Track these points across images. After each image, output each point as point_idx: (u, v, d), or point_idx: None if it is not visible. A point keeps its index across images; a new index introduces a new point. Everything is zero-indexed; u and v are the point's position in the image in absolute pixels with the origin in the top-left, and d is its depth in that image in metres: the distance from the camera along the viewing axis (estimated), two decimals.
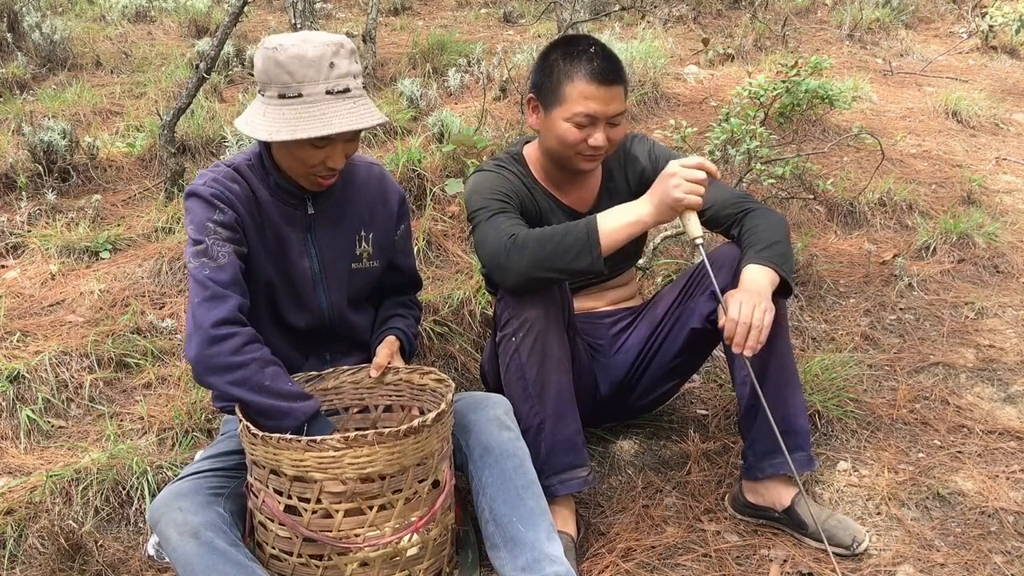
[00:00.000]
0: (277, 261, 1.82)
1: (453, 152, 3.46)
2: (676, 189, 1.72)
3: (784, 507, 1.96)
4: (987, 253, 3.43)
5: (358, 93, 1.69)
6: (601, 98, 1.91)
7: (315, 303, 1.88)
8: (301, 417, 1.63)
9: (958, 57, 6.66)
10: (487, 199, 1.95)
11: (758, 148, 3.21)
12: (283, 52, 1.63)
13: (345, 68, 1.66)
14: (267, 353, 1.66)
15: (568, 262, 1.77)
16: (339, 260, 1.89)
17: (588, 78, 1.90)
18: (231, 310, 1.64)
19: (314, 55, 1.63)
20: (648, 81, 4.68)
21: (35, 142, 3.53)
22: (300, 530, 1.59)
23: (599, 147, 1.95)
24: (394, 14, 7.07)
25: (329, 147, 1.70)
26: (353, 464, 1.56)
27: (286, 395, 1.63)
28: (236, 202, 1.74)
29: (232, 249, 1.70)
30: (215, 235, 1.69)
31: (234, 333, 1.62)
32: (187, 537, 1.54)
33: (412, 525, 1.65)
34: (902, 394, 2.53)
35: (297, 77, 1.63)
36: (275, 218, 1.81)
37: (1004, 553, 1.91)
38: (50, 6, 6.38)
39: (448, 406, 1.68)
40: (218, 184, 1.74)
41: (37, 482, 2.00)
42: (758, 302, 1.75)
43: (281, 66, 1.63)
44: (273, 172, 1.80)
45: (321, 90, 1.64)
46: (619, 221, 1.78)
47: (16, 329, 2.58)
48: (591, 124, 1.93)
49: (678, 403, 2.52)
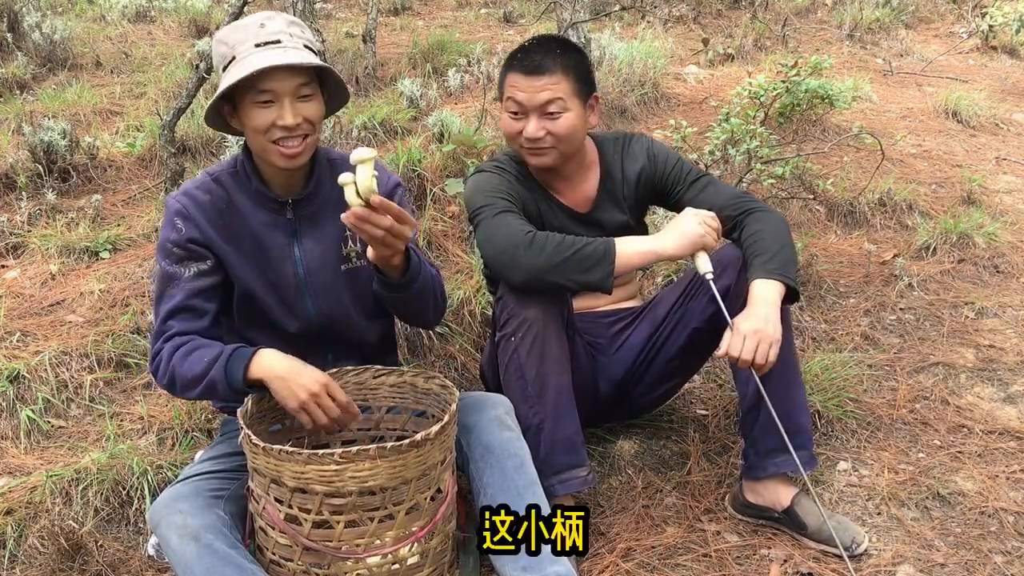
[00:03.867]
0: (258, 268, 1.81)
1: (453, 152, 3.46)
2: (699, 226, 1.86)
3: (784, 507, 1.96)
4: (987, 253, 3.43)
5: (292, 45, 1.69)
6: (527, 87, 1.93)
7: (301, 310, 1.85)
8: (220, 363, 1.66)
9: (958, 57, 6.66)
10: (490, 197, 1.95)
11: (758, 148, 3.21)
12: (220, 32, 1.72)
13: (277, 27, 1.69)
14: (178, 342, 1.71)
15: (580, 273, 1.80)
16: (326, 264, 1.85)
17: (516, 68, 1.96)
18: (158, 342, 1.73)
19: (246, 22, 1.70)
20: (648, 81, 4.68)
21: (35, 142, 3.53)
22: (300, 540, 1.58)
23: (533, 138, 1.95)
24: (394, 14, 7.07)
25: (276, 105, 1.68)
26: (355, 478, 1.54)
27: (204, 369, 1.67)
28: (199, 216, 1.76)
29: (192, 268, 1.76)
30: (171, 256, 1.76)
31: (157, 359, 1.72)
32: (187, 540, 1.54)
33: (413, 535, 1.64)
34: (902, 394, 2.53)
35: (230, 43, 1.69)
36: (255, 225, 1.80)
37: (1004, 553, 1.91)
38: (50, 6, 6.37)
39: (451, 418, 1.66)
40: (186, 197, 1.78)
41: (37, 482, 2.00)
42: (763, 337, 1.77)
43: (220, 42, 1.71)
44: (254, 178, 1.80)
45: (250, 45, 1.67)
46: (637, 248, 1.85)
47: (16, 329, 2.58)
48: (523, 114, 1.96)
49: (678, 403, 2.52)
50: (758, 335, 1.77)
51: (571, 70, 1.95)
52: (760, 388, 1.82)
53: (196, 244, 1.75)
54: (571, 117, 1.96)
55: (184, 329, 1.73)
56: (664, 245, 1.86)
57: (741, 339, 1.77)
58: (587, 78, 2.00)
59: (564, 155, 2.01)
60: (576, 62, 1.97)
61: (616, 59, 4.73)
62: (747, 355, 1.76)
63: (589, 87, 2.01)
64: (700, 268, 1.89)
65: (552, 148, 1.98)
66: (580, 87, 1.97)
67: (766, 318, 1.79)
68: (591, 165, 2.13)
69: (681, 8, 7.04)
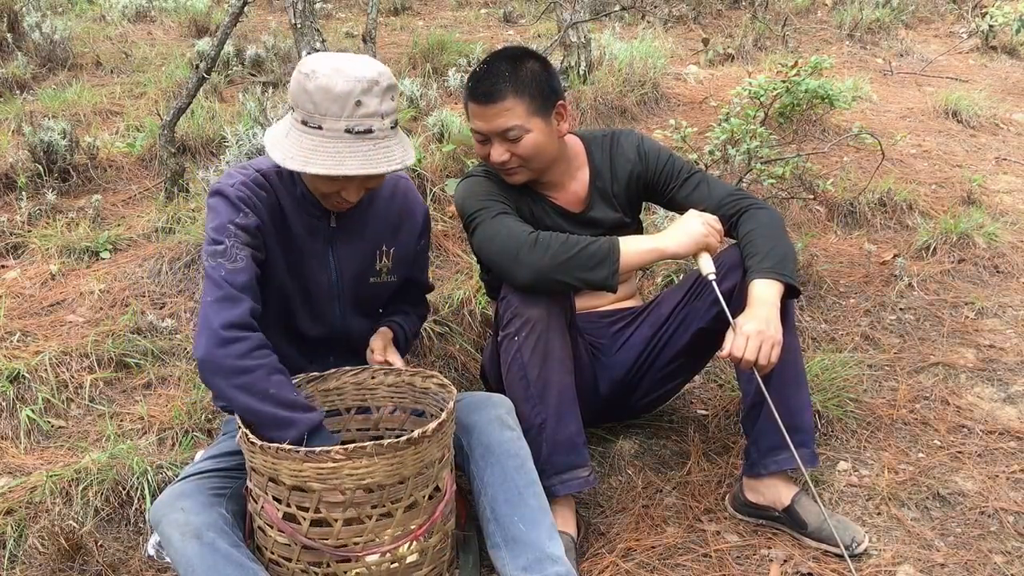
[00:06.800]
0: (295, 271, 1.82)
1: (453, 152, 3.46)
2: (702, 226, 1.88)
3: (784, 507, 1.96)
4: (987, 253, 3.43)
5: (382, 135, 1.63)
6: (483, 115, 1.92)
7: (328, 315, 1.88)
8: (303, 428, 1.60)
9: (958, 57, 6.66)
10: (484, 201, 1.96)
11: (758, 148, 3.21)
12: (312, 80, 1.59)
13: (373, 107, 1.60)
14: (275, 361, 1.64)
15: (586, 271, 1.81)
16: (359, 275, 1.89)
17: (471, 97, 1.94)
18: (243, 314, 1.62)
19: (342, 90, 1.58)
20: (648, 81, 4.68)
21: (35, 142, 3.53)
22: (298, 538, 1.58)
23: (499, 162, 1.96)
24: (394, 14, 7.07)
25: (344, 181, 1.67)
26: (352, 475, 1.54)
27: (290, 404, 1.61)
28: (261, 208, 1.73)
29: (250, 253, 1.68)
30: (235, 237, 1.67)
31: (244, 337, 1.60)
32: (189, 538, 1.54)
33: (412, 533, 1.64)
34: (902, 394, 2.53)
35: (320, 109, 1.59)
36: (298, 228, 1.80)
37: (1004, 553, 1.91)
38: (50, 6, 6.38)
39: (449, 415, 1.66)
40: (246, 188, 1.72)
41: (37, 482, 2.00)
42: (765, 338, 1.77)
43: (308, 94, 1.60)
44: (299, 183, 1.79)
45: (341, 127, 1.59)
46: (641, 246, 1.86)
47: (16, 329, 2.58)
48: (485, 140, 1.96)
49: (678, 403, 2.52)
50: (760, 336, 1.77)
51: (524, 90, 1.90)
52: (762, 387, 1.83)
53: (260, 233, 1.72)
54: (533, 137, 1.93)
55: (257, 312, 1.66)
56: (668, 243, 1.87)
57: (744, 340, 1.77)
58: (546, 91, 1.94)
59: (538, 170, 2.01)
60: (531, 78, 1.92)
61: (616, 59, 4.73)
62: (750, 356, 1.77)
63: (551, 98, 1.95)
64: (703, 269, 1.89)
65: (521, 167, 1.98)
66: (538, 104, 1.92)
67: (767, 319, 1.79)
68: (580, 165, 2.13)
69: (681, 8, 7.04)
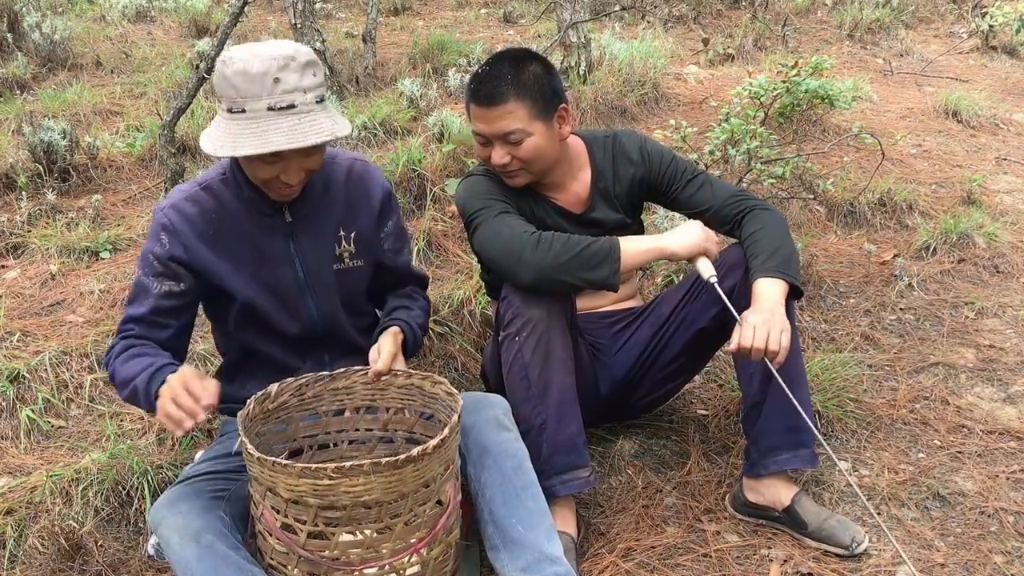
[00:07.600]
0: (257, 274, 1.80)
1: (453, 152, 3.46)
2: (703, 230, 1.91)
3: (784, 506, 1.96)
4: (987, 253, 3.43)
5: (306, 109, 1.62)
6: (484, 118, 1.92)
7: (303, 311, 1.85)
8: (142, 390, 1.64)
9: (958, 57, 6.65)
10: (485, 200, 1.96)
11: (758, 148, 3.21)
12: (230, 66, 1.61)
13: (293, 83, 1.61)
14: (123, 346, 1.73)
15: (587, 271, 1.81)
16: (323, 264, 1.86)
17: (472, 98, 1.94)
18: (116, 336, 1.76)
19: (258, 70, 1.59)
20: (648, 81, 4.68)
21: (35, 142, 3.53)
22: (296, 549, 1.55)
23: (500, 164, 1.95)
24: (394, 14, 7.07)
25: (281, 163, 1.66)
26: (349, 492, 1.50)
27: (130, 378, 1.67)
28: (188, 232, 1.75)
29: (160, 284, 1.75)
30: (150, 268, 1.76)
31: (110, 354, 1.74)
32: (188, 541, 1.53)
33: (412, 547, 1.60)
34: (902, 394, 2.53)
35: (241, 92, 1.60)
36: (251, 230, 1.79)
37: (1004, 553, 1.91)
38: (50, 6, 6.37)
39: (452, 431, 1.60)
40: (174, 212, 1.75)
41: (37, 482, 2.00)
42: (773, 325, 1.76)
43: (227, 80, 1.61)
44: (244, 185, 1.78)
45: (263, 106, 1.60)
46: (642, 245, 1.88)
47: (16, 329, 2.58)
48: (487, 143, 1.96)
49: (678, 403, 2.52)
50: (767, 324, 1.76)
51: (526, 93, 1.90)
52: (776, 376, 1.80)
53: (177, 263, 1.75)
54: (534, 140, 1.93)
55: (142, 334, 1.75)
56: (668, 243, 1.88)
57: (751, 329, 1.76)
58: (549, 94, 1.94)
59: (539, 172, 2.01)
60: (533, 80, 1.91)
61: (616, 59, 4.73)
62: (759, 343, 1.75)
63: (553, 101, 1.95)
64: (703, 273, 1.88)
65: (522, 170, 1.98)
66: (540, 107, 1.92)
67: (772, 311, 1.79)
68: (582, 166, 2.12)
69: (681, 8, 7.04)
